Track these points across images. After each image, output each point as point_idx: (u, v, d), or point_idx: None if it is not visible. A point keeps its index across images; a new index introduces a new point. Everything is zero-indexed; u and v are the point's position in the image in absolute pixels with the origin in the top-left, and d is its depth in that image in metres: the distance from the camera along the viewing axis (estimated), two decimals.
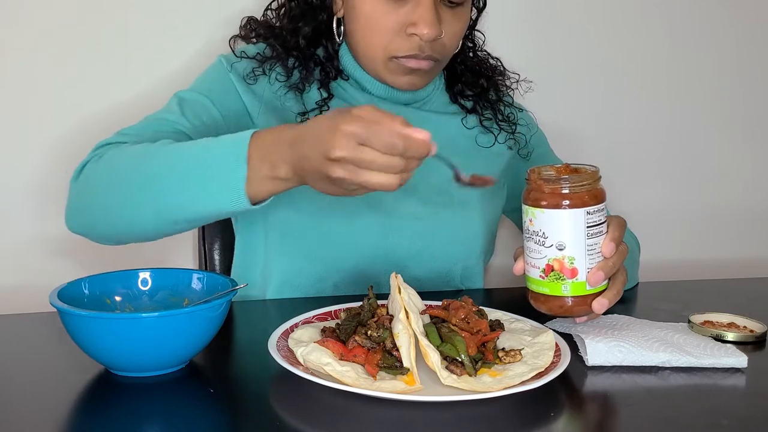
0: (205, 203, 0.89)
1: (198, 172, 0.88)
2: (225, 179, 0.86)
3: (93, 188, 0.99)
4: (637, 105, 1.67)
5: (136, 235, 1.00)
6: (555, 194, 0.86)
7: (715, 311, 1.01)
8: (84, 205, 1.01)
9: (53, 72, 1.42)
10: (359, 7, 1.10)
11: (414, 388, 0.77)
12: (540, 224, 0.86)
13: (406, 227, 1.15)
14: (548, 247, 0.86)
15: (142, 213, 0.94)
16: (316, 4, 1.17)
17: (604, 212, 0.88)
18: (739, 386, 0.84)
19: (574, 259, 0.86)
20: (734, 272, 1.65)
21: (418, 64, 1.10)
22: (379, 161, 0.77)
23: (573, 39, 1.62)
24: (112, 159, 0.98)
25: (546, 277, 0.87)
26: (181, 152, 0.92)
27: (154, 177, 0.92)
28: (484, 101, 1.26)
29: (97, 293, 0.92)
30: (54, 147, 1.44)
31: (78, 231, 1.04)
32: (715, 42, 1.67)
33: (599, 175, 0.88)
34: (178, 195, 0.90)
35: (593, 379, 0.85)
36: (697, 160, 1.70)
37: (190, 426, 0.75)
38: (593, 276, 0.87)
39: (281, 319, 0.92)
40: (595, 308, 0.88)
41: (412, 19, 1.07)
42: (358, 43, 1.13)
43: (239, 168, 0.85)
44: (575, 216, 0.85)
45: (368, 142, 0.77)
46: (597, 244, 0.87)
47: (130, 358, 0.82)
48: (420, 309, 0.88)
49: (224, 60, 1.17)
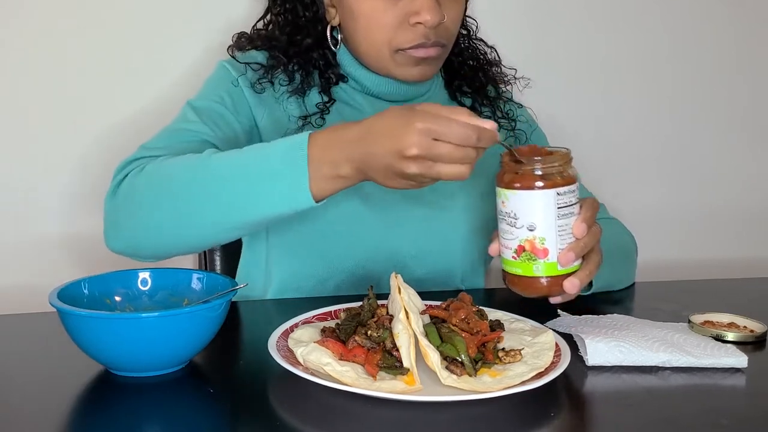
0: (271, 205, 0.88)
1: (258, 177, 0.88)
2: (288, 181, 0.86)
3: (137, 204, 0.96)
4: (636, 105, 1.67)
5: (186, 247, 0.98)
6: (525, 176, 0.86)
7: (715, 311, 1.01)
8: (128, 222, 0.97)
9: (53, 82, 1.42)
10: (357, 9, 1.10)
11: (414, 388, 0.77)
12: (511, 205, 0.87)
13: (406, 227, 1.15)
14: (519, 228, 0.86)
15: (198, 223, 0.92)
16: (310, 17, 1.17)
17: (576, 194, 0.88)
18: (739, 386, 0.84)
19: (545, 240, 0.86)
20: (734, 272, 1.64)
21: (426, 53, 1.10)
22: (454, 154, 0.80)
23: (573, 37, 1.62)
24: (156, 172, 0.96)
25: (518, 258, 0.88)
26: (235, 159, 0.91)
27: (211, 185, 0.91)
28: (483, 98, 1.27)
29: (97, 293, 0.92)
30: (53, 149, 1.44)
31: (121, 250, 1.00)
32: (715, 38, 1.67)
33: (570, 157, 0.88)
34: (238, 199, 0.89)
35: (593, 379, 0.85)
36: (696, 160, 1.71)
37: (190, 426, 0.75)
38: (564, 256, 0.86)
39: (281, 319, 0.92)
40: (567, 288, 0.88)
41: (413, 8, 1.07)
42: (361, 44, 1.13)
43: (301, 170, 0.85)
44: (545, 197, 0.85)
45: (443, 137, 0.80)
46: (568, 225, 0.87)
47: (130, 358, 0.82)
48: (420, 309, 0.88)
49: (230, 67, 1.17)
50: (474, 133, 0.80)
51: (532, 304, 0.96)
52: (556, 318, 1.00)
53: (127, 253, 1.00)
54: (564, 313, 1.01)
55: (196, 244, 0.97)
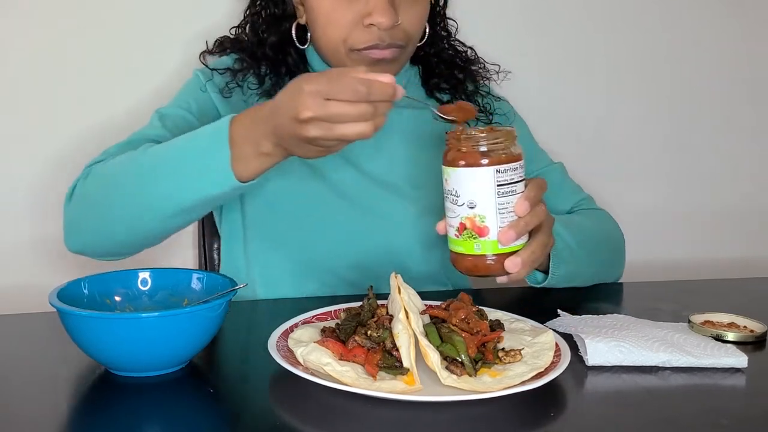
0: (194, 188, 0.91)
1: (184, 161, 0.92)
2: (210, 161, 0.89)
3: (87, 204, 1.03)
4: (636, 105, 1.66)
5: (139, 240, 1.03)
6: (466, 153, 0.85)
7: (715, 311, 1.00)
8: (82, 224, 1.04)
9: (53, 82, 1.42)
10: (316, 7, 1.11)
11: (414, 388, 0.77)
12: (453, 183, 0.86)
13: (381, 224, 1.16)
14: (460, 206, 0.86)
15: (139, 214, 0.96)
16: (279, 14, 1.18)
17: (519, 172, 0.86)
18: (739, 386, 0.84)
19: (485, 218, 0.85)
20: (734, 272, 1.65)
21: (381, 54, 1.10)
22: (348, 111, 0.79)
23: (572, 36, 1.62)
24: (100, 172, 1.02)
25: (460, 236, 0.87)
26: (165, 148, 0.95)
27: (143, 175, 0.95)
28: (460, 94, 1.26)
29: (97, 293, 0.92)
30: (53, 152, 1.44)
31: (78, 250, 1.07)
32: (714, 37, 1.67)
33: (514, 135, 0.87)
34: (167, 185, 0.93)
35: (593, 379, 0.85)
36: (696, 160, 1.70)
37: (190, 426, 0.75)
38: (504, 235, 0.85)
39: (281, 319, 0.92)
40: (508, 266, 0.87)
41: (367, 10, 1.07)
42: (320, 41, 1.14)
43: (222, 149, 0.88)
44: (484, 174, 0.85)
45: (333, 95, 0.79)
46: (510, 203, 0.86)
47: (130, 358, 0.82)
48: (420, 309, 0.88)
49: (201, 75, 1.19)
50: (363, 87, 0.78)
51: (532, 304, 0.96)
52: (556, 318, 1.00)
53: (85, 253, 1.08)
54: (564, 313, 1.01)
55: (148, 233, 1.01)
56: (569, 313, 1.01)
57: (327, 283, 1.16)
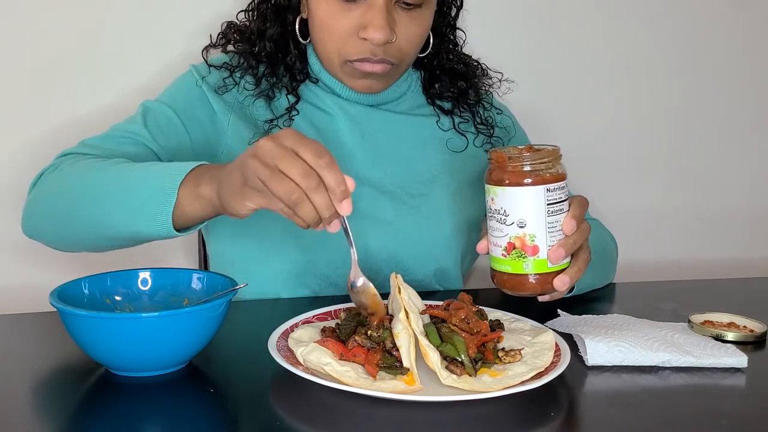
0: (131, 224, 0.92)
1: (131, 198, 0.91)
2: (155, 206, 0.89)
3: (45, 197, 1.03)
4: (636, 105, 1.66)
5: (81, 246, 1.05)
6: (515, 172, 0.86)
7: (715, 311, 1.01)
8: (36, 212, 1.05)
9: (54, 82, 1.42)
10: (315, 11, 1.11)
11: (414, 388, 0.77)
12: (501, 202, 0.87)
13: (376, 231, 1.15)
14: (509, 225, 0.86)
15: (82, 226, 0.98)
16: (284, 5, 1.17)
17: (565, 191, 0.88)
18: (739, 386, 0.84)
19: (535, 237, 0.86)
20: (734, 272, 1.65)
21: (372, 68, 1.10)
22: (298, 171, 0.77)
23: (575, 38, 1.62)
24: (64, 171, 1.02)
25: (508, 256, 0.88)
26: (125, 174, 0.95)
27: (95, 194, 0.95)
28: (462, 104, 1.25)
29: (97, 293, 0.92)
30: (53, 151, 1.43)
31: (31, 236, 1.08)
32: (716, 37, 1.67)
33: (560, 154, 0.88)
34: (112, 215, 0.93)
35: (593, 379, 0.85)
36: (696, 160, 1.70)
37: (190, 426, 0.75)
38: (554, 253, 0.86)
39: (281, 319, 0.92)
40: (557, 285, 0.88)
41: (363, 22, 1.07)
42: (317, 46, 1.14)
43: (169, 195, 0.88)
44: (536, 193, 0.85)
45: (297, 152, 0.77)
46: (558, 221, 0.87)
47: (130, 358, 0.82)
48: (420, 309, 0.88)
49: (195, 70, 1.18)
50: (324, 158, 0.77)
51: (532, 304, 0.96)
52: (556, 318, 1.00)
53: (36, 238, 1.08)
54: (564, 313, 1.01)
55: (88, 244, 1.03)
56: (569, 313, 1.01)
57: (321, 290, 1.15)
